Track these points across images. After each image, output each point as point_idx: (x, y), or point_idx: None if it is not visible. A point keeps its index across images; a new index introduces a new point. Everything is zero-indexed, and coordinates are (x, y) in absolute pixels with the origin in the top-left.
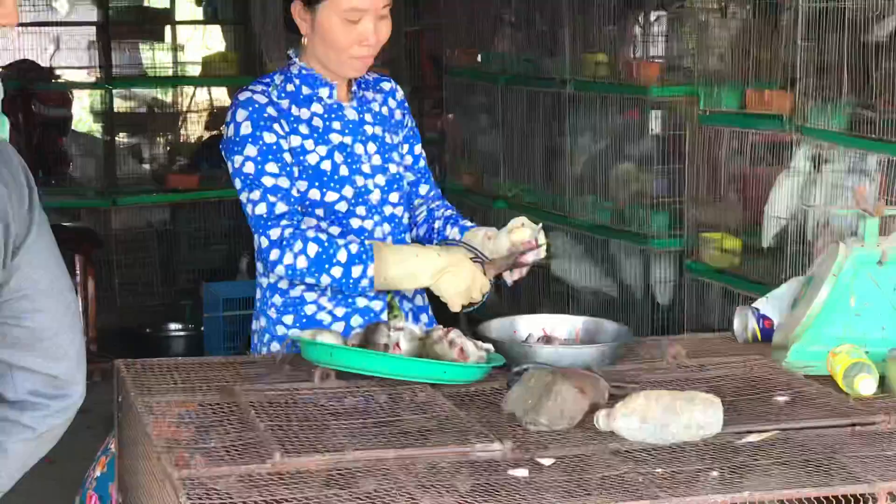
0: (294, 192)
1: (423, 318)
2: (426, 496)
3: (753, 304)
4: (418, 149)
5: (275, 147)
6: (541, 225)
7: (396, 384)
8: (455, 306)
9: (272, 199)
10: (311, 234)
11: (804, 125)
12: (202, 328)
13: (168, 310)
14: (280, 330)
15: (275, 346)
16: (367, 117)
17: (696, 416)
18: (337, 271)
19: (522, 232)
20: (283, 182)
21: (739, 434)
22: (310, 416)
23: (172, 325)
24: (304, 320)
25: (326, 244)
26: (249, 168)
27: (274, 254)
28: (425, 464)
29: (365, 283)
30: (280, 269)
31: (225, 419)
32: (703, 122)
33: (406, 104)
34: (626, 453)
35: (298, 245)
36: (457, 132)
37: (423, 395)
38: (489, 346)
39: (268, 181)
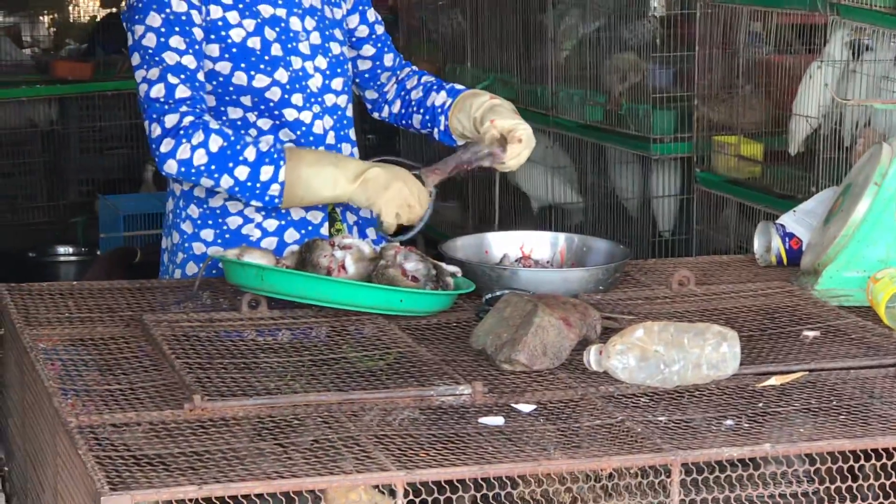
0: (200, 76)
1: (370, 233)
2: (378, 449)
3: (778, 221)
4: (372, 14)
5: (184, 18)
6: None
7: (341, 314)
8: (390, 219)
9: (173, 79)
10: (214, 125)
11: (841, 3)
12: (98, 252)
13: (56, 229)
14: (198, 248)
15: (191, 268)
16: None
17: (707, 354)
18: (242, 172)
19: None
20: (189, 61)
21: (759, 376)
22: (236, 353)
23: (61, 248)
24: (228, 236)
25: (233, 138)
26: (150, 40)
27: (166, 144)
28: (378, 410)
29: (275, 189)
30: (171, 166)
31: (132, 356)
32: (717, 0)
33: None
34: (621, 398)
35: (199, 136)
36: (412, 10)
37: (374, 327)
38: (455, 268)
39: (170, 58)
